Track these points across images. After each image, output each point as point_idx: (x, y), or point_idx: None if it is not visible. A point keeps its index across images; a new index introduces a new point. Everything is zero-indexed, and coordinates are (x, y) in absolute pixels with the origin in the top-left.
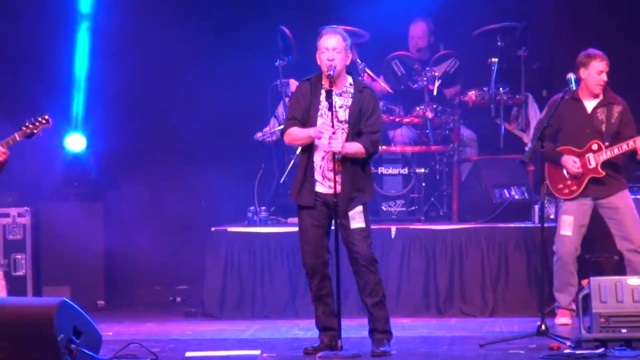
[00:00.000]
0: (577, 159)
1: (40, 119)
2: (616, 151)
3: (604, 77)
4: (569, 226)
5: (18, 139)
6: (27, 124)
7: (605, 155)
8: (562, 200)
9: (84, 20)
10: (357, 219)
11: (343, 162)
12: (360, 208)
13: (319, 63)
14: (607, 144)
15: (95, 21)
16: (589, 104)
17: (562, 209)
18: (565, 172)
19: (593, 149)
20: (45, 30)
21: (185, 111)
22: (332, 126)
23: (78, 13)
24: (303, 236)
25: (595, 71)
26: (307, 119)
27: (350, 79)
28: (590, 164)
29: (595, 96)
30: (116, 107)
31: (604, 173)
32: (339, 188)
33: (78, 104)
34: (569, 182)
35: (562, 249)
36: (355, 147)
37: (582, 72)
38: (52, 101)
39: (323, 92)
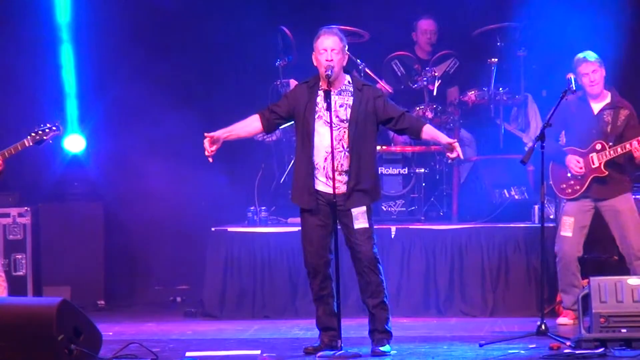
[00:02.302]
0: (580, 159)
1: (50, 126)
2: (619, 150)
3: (591, 77)
4: (569, 227)
5: (27, 144)
6: (36, 130)
7: (609, 154)
8: (564, 201)
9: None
10: (360, 219)
11: (349, 161)
12: (364, 208)
13: (315, 64)
14: (610, 144)
15: (95, 21)
16: (596, 106)
17: (563, 210)
18: (568, 172)
19: (597, 149)
20: (45, 32)
21: (185, 111)
22: (331, 124)
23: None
24: (306, 236)
25: (581, 75)
26: (303, 121)
27: (348, 77)
28: (593, 164)
29: (600, 97)
30: (115, 107)
31: (606, 172)
32: (343, 188)
33: (77, 105)
34: (572, 182)
35: (563, 250)
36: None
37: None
38: (52, 102)
39: (321, 92)
